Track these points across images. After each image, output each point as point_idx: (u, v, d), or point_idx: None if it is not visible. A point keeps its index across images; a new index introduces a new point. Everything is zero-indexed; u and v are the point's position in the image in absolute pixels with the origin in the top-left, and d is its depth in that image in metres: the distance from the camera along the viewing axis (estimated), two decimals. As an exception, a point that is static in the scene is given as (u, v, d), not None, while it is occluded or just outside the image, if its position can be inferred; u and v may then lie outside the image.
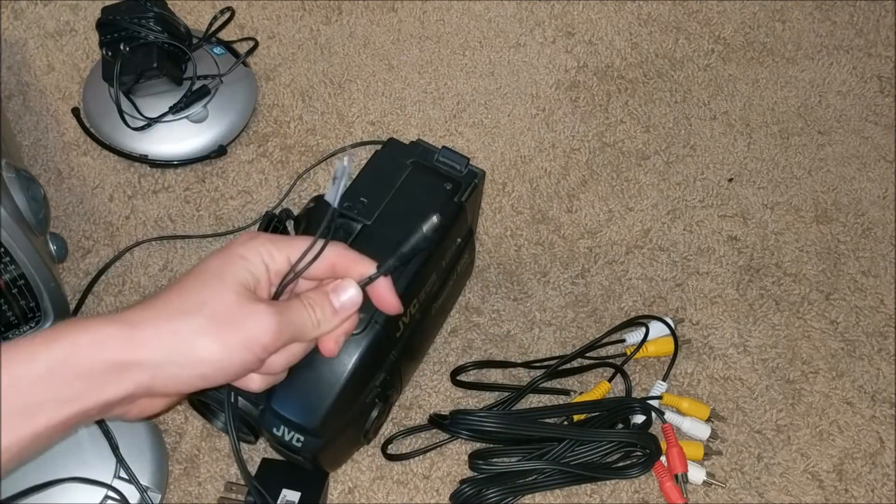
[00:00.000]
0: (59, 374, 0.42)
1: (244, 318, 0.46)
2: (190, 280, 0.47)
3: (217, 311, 0.46)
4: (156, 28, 0.79)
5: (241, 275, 0.48)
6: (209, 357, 0.45)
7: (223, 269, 0.48)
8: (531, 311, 0.77)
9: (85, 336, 0.43)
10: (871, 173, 0.86)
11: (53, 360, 0.42)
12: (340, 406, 0.58)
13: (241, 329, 0.46)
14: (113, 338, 0.43)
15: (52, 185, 0.82)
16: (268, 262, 0.49)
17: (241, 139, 0.85)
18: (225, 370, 0.46)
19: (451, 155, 0.67)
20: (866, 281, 0.79)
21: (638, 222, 0.82)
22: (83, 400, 0.43)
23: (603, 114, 0.89)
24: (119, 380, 0.43)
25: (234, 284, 0.47)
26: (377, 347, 0.59)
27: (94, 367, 0.43)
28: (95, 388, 0.43)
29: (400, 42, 0.93)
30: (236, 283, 0.47)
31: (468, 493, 0.66)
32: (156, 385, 0.45)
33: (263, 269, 0.49)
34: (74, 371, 0.42)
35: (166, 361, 0.44)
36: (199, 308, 0.45)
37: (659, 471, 0.68)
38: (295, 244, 0.51)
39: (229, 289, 0.47)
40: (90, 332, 0.43)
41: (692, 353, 0.75)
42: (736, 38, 0.95)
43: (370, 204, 0.63)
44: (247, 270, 0.48)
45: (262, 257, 0.49)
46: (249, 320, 0.46)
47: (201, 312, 0.45)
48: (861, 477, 0.70)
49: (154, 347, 0.44)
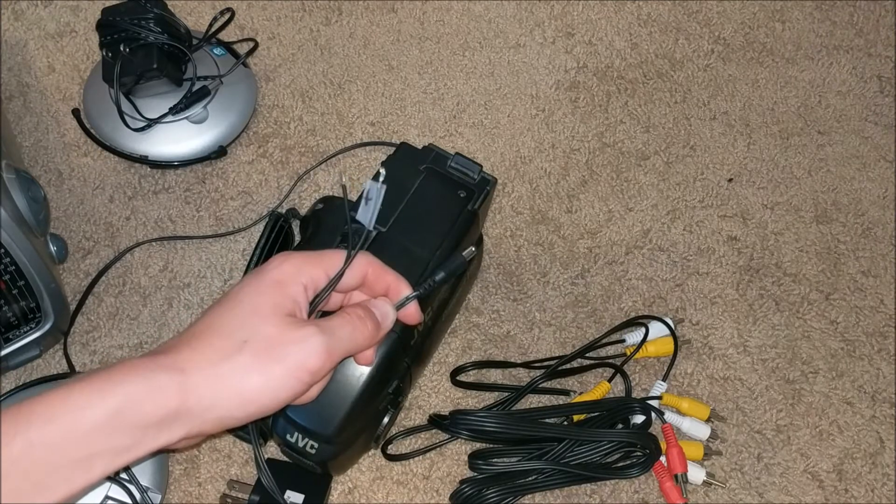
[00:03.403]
0: (115, 425, 0.41)
1: (287, 347, 0.46)
2: (227, 314, 0.47)
3: (259, 348, 0.45)
4: (156, 29, 0.79)
5: (279, 301, 0.47)
6: (257, 396, 0.45)
7: (258, 300, 0.47)
8: (531, 312, 0.77)
9: (139, 386, 0.43)
10: (871, 173, 0.86)
11: (110, 410, 0.41)
12: (355, 414, 0.58)
13: (286, 359, 0.46)
14: (166, 388, 0.43)
15: (53, 186, 0.82)
16: (306, 283, 0.49)
17: (242, 140, 0.85)
18: (272, 403, 0.46)
19: (465, 162, 0.67)
20: (866, 281, 0.79)
21: (638, 222, 0.82)
22: (138, 448, 0.43)
23: (603, 114, 0.89)
24: (172, 428, 0.43)
25: (273, 315, 0.46)
26: (393, 356, 0.60)
27: (150, 419, 0.42)
28: (151, 438, 0.43)
29: (400, 43, 0.93)
30: (275, 312, 0.47)
31: (468, 494, 0.66)
32: (205, 429, 0.45)
33: (302, 289, 0.48)
34: (130, 422, 0.42)
35: (215, 406, 0.44)
36: (241, 347, 0.45)
37: (659, 471, 0.68)
38: (328, 259, 0.50)
39: (268, 321, 0.46)
40: (144, 382, 0.43)
41: (692, 353, 0.75)
42: (736, 38, 0.95)
43: (385, 210, 0.63)
44: (284, 296, 0.48)
45: (299, 278, 0.49)
46: (293, 348, 0.46)
47: (244, 352, 0.45)
48: (861, 477, 0.70)
49: (203, 393, 0.44)
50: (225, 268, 0.78)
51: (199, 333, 0.46)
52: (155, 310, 0.76)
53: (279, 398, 0.46)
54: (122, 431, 0.42)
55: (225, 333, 0.46)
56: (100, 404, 0.41)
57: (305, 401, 0.52)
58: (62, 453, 0.40)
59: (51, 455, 0.40)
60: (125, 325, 0.75)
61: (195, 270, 0.78)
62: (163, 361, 0.44)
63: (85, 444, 0.41)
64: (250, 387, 0.45)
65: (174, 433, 0.44)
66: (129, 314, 0.76)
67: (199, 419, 0.44)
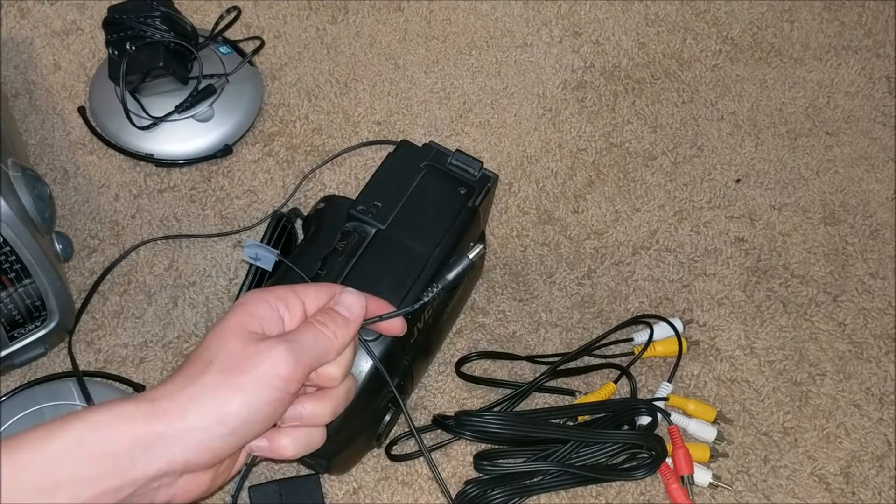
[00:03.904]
0: (78, 455, 0.41)
1: (253, 359, 0.45)
2: (197, 349, 0.47)
3: (225, 364, 0.45)
4: (162, 27, 0.79)
5: (242, 320, 0.47)
6: (234, 410, 0.44)
7: (222, 324, 0.47)
8: (537, 312, 0.77)
9: (103, 415, 0.42)
10: (880, 174, 0.85)
11: (71, 439, 0.41)
12: (355, 412, 0.58)
13: (254, 370, 0.45)
14: (132, 414, 0.42)
15: (58, 185, 0.82)
16: (272, 301, 0.48)
17: (247, 138, 0.85)
18: (255, 417, 0.45)
19: (465, 158, 0.67)
20: (874, 283, 0.79)
21: (644, 223, 0.82)
22: (110, 479, 0.41)
23: (610, 114, 0.88)
24: (147, 456, 0.42)
25: (235, 333, 0.46)
26: (392, 354, 0.59)
27: (118, 444, 0.42)
28: (123, 467, 0.42)
29: (406, 42, 0.93)
30: (237, 330, 0.46)
31: (473, 494, 0.65)
32: (189, 457, 0.43)
33: (267, 307, 0.48)
34: (94, 451, 0.41)
35: (191, 427, 0.43)
36: (207, 367, 0.44)
37: (665, 472, 0.68)
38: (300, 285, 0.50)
39: (231, 339, 0.46)
40: (108, 411, 0.42)
41: (699, 354, 0.75)
42: (744, 38, 0.94)
43: (384, 208, 0.63)
44: (248, 314, 0.47)
45: (265, 297, 0.48)
46: (259, 359, 0.45)
47: (210, 371, 0.44)
48: (868, 480, 0.70)
49: (173, 416, 0.43)
50: (230, 267, 0.78)
51: (175, 371, 0.46)
52: (160, 308, 0.76)
53: (258, 408, 0.45)
54: (86, 460, 0.41)
55: (192, 360, 0.46)
56: (62, 435, 0.41)
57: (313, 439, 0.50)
58: (25, 483, 0.40)
59: (13, 484, 0.40)
60: (130, 323, 0.75)
61: (200, 269, 0.78)
62: (132, 396, 0.44)
63: (45, 473, 0.41)
64: (221, 402, 0.44)
65: (152, 463, 0.42)
66: (134, 313, 0.76)
67: (179, 445, 0.43)
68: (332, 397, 0.50)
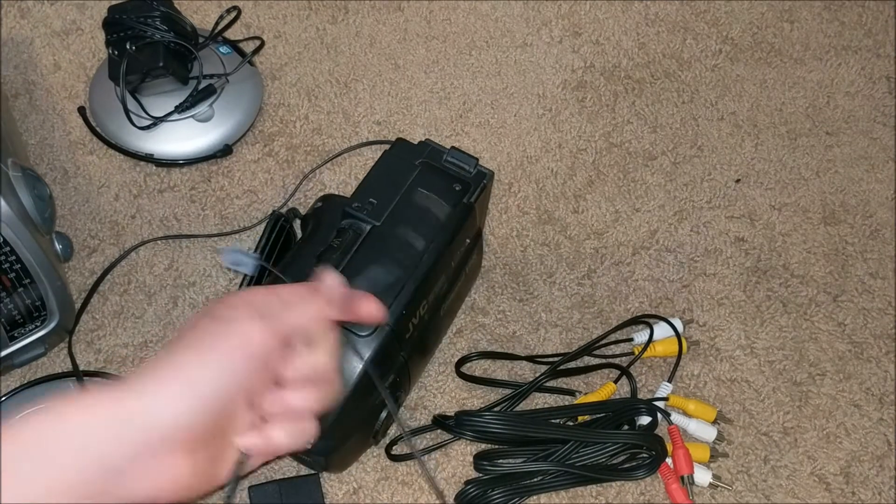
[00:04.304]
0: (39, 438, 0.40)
1: (223, 329, 0.44)
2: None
3: (192, 340, 0.44)
4: (162, 27, 0.79)
5: (212, 307, 0.46)
6: (208, 381, 0.43)
7: (196, 315, 0.47)
8: (537, 312, 0.77)
9: (70, 403, 0.41)
10: (880, 174, 0.85)
11: (39, 425, 0.40)
12: (350, 408, 0.58)
13: (225, 341, 0.44)
14: (97, 395, 0.42)
15: (58, 184, 0.82)
16: (245, 293, 0.47)
17: (247, 138, 0.85)
18: (228, 386, 0.44)
19: (460, 155, 0.67)
20: (874, 283, 0.79)
21: (644, 223, 0.82)
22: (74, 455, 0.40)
23: (610, 114, 0.88)
24: (120, 436, 0.41)
25: (205, 316, 0.45)
26: (386, 350, 0.59)
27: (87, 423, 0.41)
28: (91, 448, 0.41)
29: (406, 41, 0.93)
30: (209, 315, 0.45)
31: (473, 494, 0.65)
32: (168, 434, 0.42)
33: (237, 296, 0.47)
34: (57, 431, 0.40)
35: (166, 405, 0.42)
36: (176, 348, 0.44)
37: (665, 472, 0.68)
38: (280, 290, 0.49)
39: (201, 321, 0.45)
40: (76, 400, 0.41)
41: (699, 354, 0.75)
42: (744, 38, 0.94)
43: (379, 205, 0.63)
44: (218, 303, 0.47)
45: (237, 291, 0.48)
46: (230, 328, 0.44)
47: (178, 349, 0.44)
48: (868, 480, 0.70)
49: (143, 393, 0.42)
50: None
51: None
52: (160, 308, 0.76)
53: (236, 378, 0.44)
54: (49, 441, 0.40)
55: (166, 349, 0.45)
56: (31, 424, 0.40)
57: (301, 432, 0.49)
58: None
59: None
60: (130, 323, 0.75)
61: (200, 269, 0.78)
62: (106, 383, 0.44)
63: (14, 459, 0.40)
64: (194, 374, 0.43)
65: (123, 443, 0.41)
66: (134, 313, 0.76)
67: (153, 421, 0.41)
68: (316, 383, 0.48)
